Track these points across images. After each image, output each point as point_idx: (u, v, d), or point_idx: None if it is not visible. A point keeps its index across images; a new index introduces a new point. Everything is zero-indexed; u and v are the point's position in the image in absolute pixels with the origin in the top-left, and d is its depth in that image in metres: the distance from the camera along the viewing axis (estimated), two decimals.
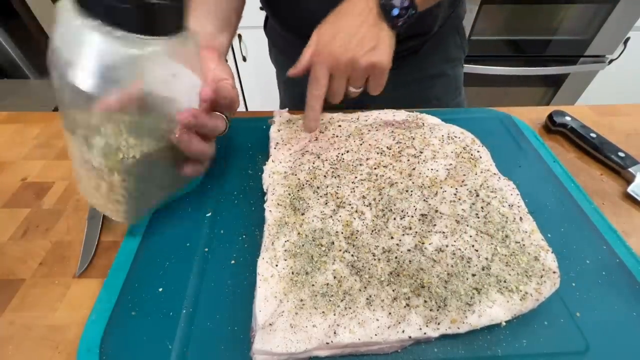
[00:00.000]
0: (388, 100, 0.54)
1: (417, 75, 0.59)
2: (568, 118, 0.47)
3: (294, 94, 0.69)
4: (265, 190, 0.36)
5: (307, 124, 0.40)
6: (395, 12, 0.36)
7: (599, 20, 1.22)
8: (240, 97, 1.61)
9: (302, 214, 0.32)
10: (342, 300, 0.27)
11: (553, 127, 0.48)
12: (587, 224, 0.36)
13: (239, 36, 1.38)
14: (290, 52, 0.63)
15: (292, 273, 0.28)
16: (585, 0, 1.18)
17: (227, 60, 0.41)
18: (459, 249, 0.30)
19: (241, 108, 1.64)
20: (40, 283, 0.32)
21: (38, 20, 1.53)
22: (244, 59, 1.46)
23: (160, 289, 0.30)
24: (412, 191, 0.34)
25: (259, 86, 1.57)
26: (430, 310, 0.26)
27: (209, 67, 0.35)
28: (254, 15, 1.35)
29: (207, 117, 0.32)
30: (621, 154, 0.42)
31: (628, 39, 1.27)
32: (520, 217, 0.32)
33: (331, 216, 0.32)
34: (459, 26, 0.60)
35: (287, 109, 0.47)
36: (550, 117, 0.48)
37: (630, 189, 0.39)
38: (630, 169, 0.41)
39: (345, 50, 0.36)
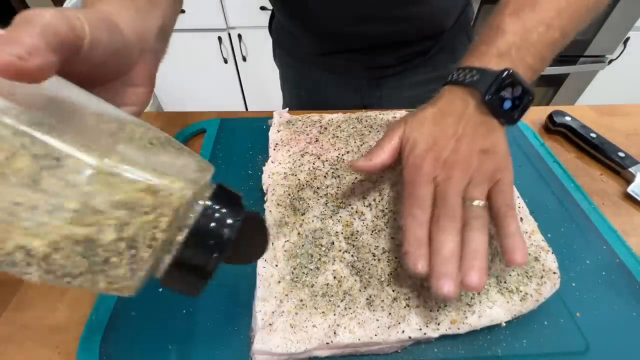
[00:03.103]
0: (395, 102, 0.54)
1: (425, 77, 0.59)
2: (568, 118, 0.47)
3: (297, 95, 0.69)
4: (265, 191, 0.36)
5: (413, 261, 0.25)
6: (508, 104, 0.29)
7: (599, 20, 1.22)
8: (240, 97, 1.61)
9: (302, 214, 0.32)
10: (342, 301, 0.27)
11: (553, 127, 0.48)
12: (587, 224, 0.36)
13: (239, 36, 1.38)
14: (296, 52, 0.63)
15: (292, 273, 0.28)
16: None
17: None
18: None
19: (241, 108, 1.65)
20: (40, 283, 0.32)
21: None
22: (244, 59, 1.46)
23: (161, 289, 0.30)
24: None
25: (259, 86, 1.57)
26: (430, 310, 0.26)
27: None
28: (254, 15, 1.36)
29: None
30: (621, 154, 0.42)
31: (628, 39, 1.27)
32: (521, 218, 0.32)
33: (331, 216, 0.32)
34: (467, 28, 0.60)
35: (287, 109, 0.47)
36: (550, 117, 0.48)
37: (630, 189, 0.39)
38: (630, 169, 0.41)
39: (455, 161, 0.27)
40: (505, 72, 0.28)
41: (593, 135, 0.44)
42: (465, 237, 0.25)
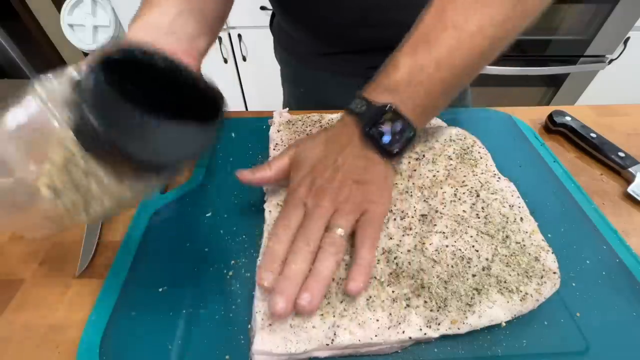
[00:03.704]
0: None
1: None
2: (568, 118, 0.47)
3: (296, 92, 0.69)
4: (265, 191, 0.36)
5: (260, 274, 0.26)
6: (387, 139, 0.29)
7: (599, 20, 1.22)
8: (240, 97, 1.61)
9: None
10: (341, 302, 0.27)
11: (553, 127, 0.48)
12: (587, 224, 0.36)
13: (239, 36, 1.38)
14: (295, 51, 0.63)
15: None
16: (585, 0, 1.18)
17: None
18: (459, 250, 0.30)
19: (241, 108, 1.65)
20: (40, 283, 0.32)
21: (38, 21, 1.53)
22: (244, 59, 1.46)
23: (160, 289, 0.30)
24: (412, 192, 0.34)
25: (259, 86, 1.57)
26: (431, 310, 0.26)
27: None
28: (254, 15, 1.36)
29: None
30: (621, 154, 0.42)
31: (628, 39, 1.27)
32: (521, 218, 0.32)
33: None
34: None
35: (287, 109, 0.47)
36: (550, 117, 0.48)
37: (630, 189, 0.39)
38: (630, 169, 0.41)
39: (326, 189, 0.29)
40: (387, 107, 0.29)
41: (593, 135, 0.44)
42: (315, 261, 0.26)
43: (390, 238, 0.31)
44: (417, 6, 0.39)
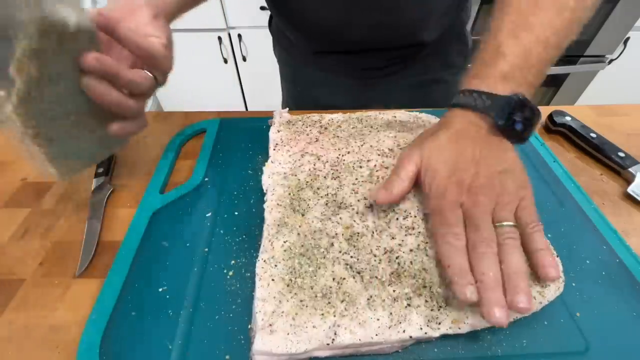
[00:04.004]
0: (387, 103, 0.54)
1: (414, 80, 0.59)
2: (568, 118, 0.47)
3: (293, 91, 0.69)
4: (265, 191, 0.36)
5: (463, 290, 0.25)
6: (519, 126, 0.30)
7: (599, 20, 1.22)
8: (240, 97, 1.61)
9: (302, 215, 0.32)
10: (342, 301, 0.27)
11: (553, 127, 0.48)
12: (587, 224, 0.36)
13: (239, 36, 1.38)
14: (291, 50, 0.64)
15: (292, 274, 0.28)
16: None
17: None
18: None
19: (241, 108, 1.65)
20: (40, 283, 0.32)
21: None
22: (244, 59, 1.46)
23: (160, 289, 0.30)
24: (413, 191, 0.34)
25: (259, 86, 1.57)
26: (432, 310, 0.26)
27: (139, 22, 0.32)
28: (254, 15, 1.36)
29: (120, 67, 0.29)
30: (621, 154, 0.42)
31: (628, 39, 1.27)
32: None
33: (331, 217, 0.32)
34: (461, 33, 0.60)
35: (287, 109, 0.47)
36: (550, 117, 0.48)
37: (630, 189, 0.39)
38: (630, 169, 0.41)
39: (479, 186, 0.28)
40: (516, 97, 0.29)
41: (593, 135, 0.44)
42: (503, 260, 0.26)
43: (393, 238, 0.31)
44: (400, 9, 0.39)
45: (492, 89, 0.31)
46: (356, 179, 0.36)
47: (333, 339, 0.25)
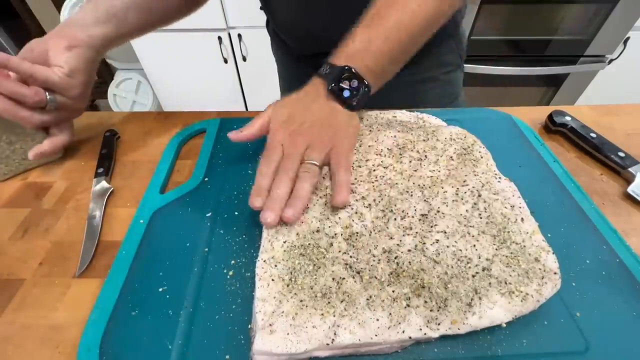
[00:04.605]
0: (380, 104, 0.54)
1: (407, 79, 0.59)
2: (568, 118, 0.47)
3: (288, 90, 0.69)
4: None
5: (252, 199, 0.32)
6: (347, 93, 0.37)
7: (599, 20, 1.22)
8: (240, 97, 1.61)
9: (302, 215, 0.32)
10: (342, 301, 0.27)
11: (553, 127, 0.48)
12: (587, 224, 0.36)
13: (239, 36, 1.38)
14: (285, 50, 0.64)
15: (292, 274, 0.28)
16: (585, 0, 1.18)
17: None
18: (460, 250, 0.30)
19: (241, 108, 1.65)
20: (40, 283, 0.32)
21: (38, 20, 1.53)
22: (244, 59, 1.46)
23: (160, 289, 0.30)
24: (412, 192, 0.34)
25: (259, 86, 1.57)
26: (431, 310, 0.26)
27: (53, 52, 0.39)
28: (253, 15, 1.35)
29: (12, 82, 0.37)
30: (621, 154, 0.42)
31: (628, 38, 1.27)
32: (522, 218, 0.32)
33: (330, 217, 0.32)
34: (454, 32, 0.60)
35: None
36: (550, 117, 0.48)
37: (630, 189, 0.39)
38: (630, 169, 0.41)
39: (299, 131, 0.36)
40: (346, 67, 0.36)
41: (593, 135, 0.44)
42: (295, 186, 0.33)
43: (391, 238, 0.31)
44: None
45: (336, 63, 0.37)
46: (355, 178, 0.36)
47: (333, 339, 0.25)
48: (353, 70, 0.36)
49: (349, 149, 0.37)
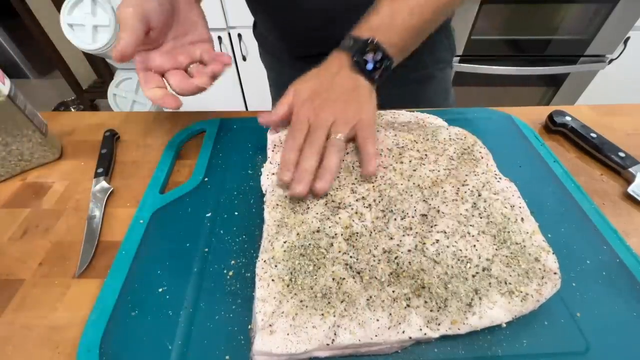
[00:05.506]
0: (378, 102, 0.54)
1: (406, 77, 0.59)
2: (568, 118, 0.47)
3: (280, 96, 0.69)
4: (264, 191, 0.36)
5: (281, 173, 0.33)
6: (370, 66, 0.37)
7: (599, 20, 1.22)
8: (240, 97, 1.61)
9: (302, 215, 0.32)
10: (342, 302, 0.27)
11: (553, 127, 0.48)
12: (587, 224, 0.36)
13: (239, 36, 1.38)
14: (276, 55, 0.64)
15: (292, 274, 0.28)
16: (586, 0, 1.18)
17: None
18: (460, 250, 0.30)
19: (241, 108, 1.65)
20: (40, 283, 0.32)
21: (38, 20, 1.53)
22: (244, 59, 1.46)
23: (160, 289, 0.30)
24: (412, 192, 0.34)
25: (259, 86, 1.56)
26: (431, 310, 0.26)
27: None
28: None
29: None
30: (621, 154, 0.42)
31: (628, 38, 1.27)
32: (522, 218, 0.32)
33: (330, 217, 0.32)
34: (447, 27, 0.60)
35: None
36: (550, 117, 0.48)
37: (631, 189, 0.39)
38: (630, 169, 0.41)
39: (324, 105, 0.36)
40: (369, 40, 0.36)
41: (593, 135, 0.44)
42: (323, 159, 0.34)
43: (391, 238, 0.31)
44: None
45: (359, 35, 0.37)
46: (355, 178, 0.36)
47: (333, 340, 0.25)
48: (378, 43, 0.36)
49: (373, 122, 0.37)
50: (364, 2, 0.41)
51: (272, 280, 0.28)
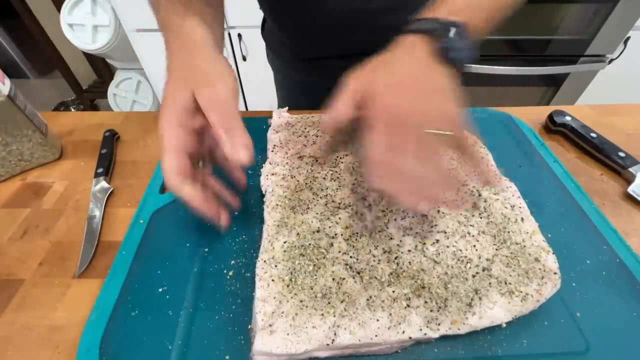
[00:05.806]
0: None
1: None
2: (568, 118, 0.47)
3: (287, 97, 0.69)
4: (264, 192, 0.36)
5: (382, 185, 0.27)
6: (454, 54, 0.31)
7: (599, 20, 1.22)
8: (240, 97, 1.61)
9: (302, 215, 0.32)
10: (342, 302, 0.27)
11: (553, 127, 0.48)
12: (587, 224, 0.36)
13: (239, 36, 1.38)
14: (285, 56, 0.63)
15: (292, 274, 0.28)
16: (585, 0, 1.18)
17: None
18: (460, 250, 0.30)
19: (241, 108, 1.65)
20: (40, 283, 0.32)
21: (38, 20, 1.53)
22: (244, 59, 1.46)
23: (160, 289, 0.30)
24: None
25: (259, 86, 1.57)
26: (431, 311, 0.26)
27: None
28: (254, 15, 1.35)
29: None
30: (621, 154, 0.42)
31: (628, 38, 1.27)
32: (522, 218, 0.32)
33: (330, 218, 0.32)
34: None
35: (286, 107, 0.47)
36: (550, 117, 0.48)
37: (631, 189, 0.39)
38: (630, 169, 0.41)
39: (410, 103, 0.29)
40: (456, 23, 0.30)
41: (593, 135, 0.44)
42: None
43: (391, 238, 0.31)
44: (401, 11, 0.39)
45: (438, 17, 0.31)
46: (355, 179, 0.36)
47: (333, 340, 0.25)
48: (464, 26, 0.30)
49: (462, 118, 0.30)
50: (394, 6, 0.38)
51: (272, 280, 0.28)
